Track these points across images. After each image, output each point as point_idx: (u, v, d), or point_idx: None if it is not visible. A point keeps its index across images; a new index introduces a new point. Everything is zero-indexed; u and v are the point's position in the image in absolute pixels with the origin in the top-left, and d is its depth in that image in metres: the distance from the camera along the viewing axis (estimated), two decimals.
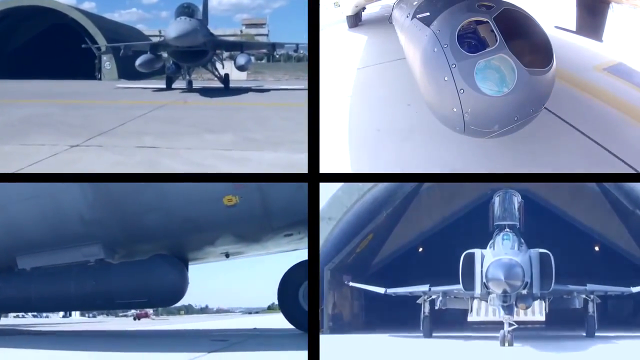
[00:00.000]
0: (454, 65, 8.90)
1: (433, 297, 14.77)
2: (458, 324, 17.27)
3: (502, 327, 12.26)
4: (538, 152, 10.93)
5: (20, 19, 39.93)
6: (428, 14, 10.70)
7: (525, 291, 12.61)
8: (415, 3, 12.81)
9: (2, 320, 24.27)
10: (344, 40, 22.70)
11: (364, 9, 24.99)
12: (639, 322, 17.24)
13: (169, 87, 29.05)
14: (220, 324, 27.75)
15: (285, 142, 14.19)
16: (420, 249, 20.55)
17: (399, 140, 12.22)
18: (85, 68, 38.04)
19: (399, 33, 14.54)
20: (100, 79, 38.51)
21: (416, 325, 15.07)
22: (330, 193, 15.45)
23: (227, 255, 14.78)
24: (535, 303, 14.44)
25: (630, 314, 18.17)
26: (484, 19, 9.47)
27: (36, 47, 41.56)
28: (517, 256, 12.44)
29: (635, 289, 14.59)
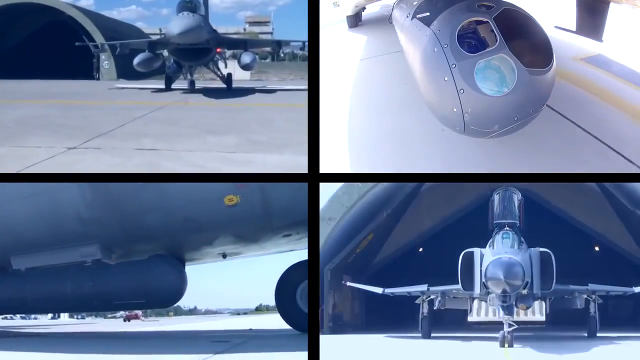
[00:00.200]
0: (454, 65, 8.89)
1: (432, 297, 14.71)
2: (458, 324, 17.26)
3: (502, 328, 12.17)
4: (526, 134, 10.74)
5: (15, 16, 38.95)
6: (428, 14, 10.69)
7: (525, 291, 12.47)
8: (415, 3, 12.80)
9: None
10: (344, 40, 22.63)
11: (364, 9, 24.96)
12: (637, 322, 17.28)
13: (168, 88, 27.98)
14: (214, 325, 27.52)
15: (290, 144, 13.80)
16: (421, 249, 20.67)
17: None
18: (83, 67, 37.12)
19: (399, 33, 14.53)
20: (98, 79, 37.59)
21: (416, 326, 15.04)
22: (331, 193, 15.58)
23: (224, 256, 14.69)
24: (536, 303, 14.45)
25: (631, 314, 18.19)
26: (484, 19, 9.47)
27: (32, 46, 40.55)
28: (517, 255, 12.30)
29: (638, 289, 14.53)
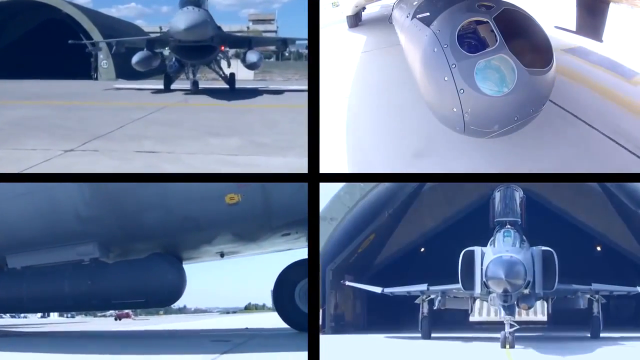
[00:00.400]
0: (454, 65, 8.91)
1: (432, 297, 14.53)
2: (459, 324, 17.19)
3: (504, 328, 11.97)
4: None
5: (10, 14, 37.99)
6: (428, 14, 10.71)
7: (527, 290, 12.25)
8: (415, 3, 12.80)
9: None
10: (344, 40, 22.55)
11: (364, 9, 24.91)
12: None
13: (167, 88, 26.75)
14: (207, 324, 27.20)
15: (295, 147, 13.38)
16: (422, 249, 20.62)
17: None
18: (80, 67, 36.19)
19: (399, 33, 14.53)
20: (96, 79, 36.82)
21: (418, 326, 14.90)
22: (332, 193, 15.52)
23: (222, 255, 14.61)
24: (537, 303, 14.33)
25: (633, 314, 18.12)
26: (484, 19, 9.49)
27: (28, 45, 39.41)
28: (519, 254, 12.05)
29: None
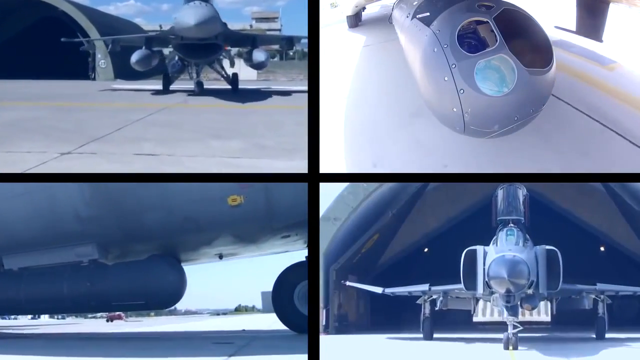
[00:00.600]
0: (454, 65, 8.90)
1: (434, 298, 14.36)
2: (463, 324, 17.10)
3: (507, 329, 11.75)
4: None
5: (5, 12, 37.33)
6: (428, 14, 10.70)
7: (530, 291, 12.02)
8: (415, 3, 12.79)
9: None
10: (344, 40, 22.46)
11: (364, 9, 24.86)
12: None
13: (166, 89, 25.73)
14: (201, 325, 26.82)
15: (300, 149, 12.69)
16: (426, 249, 20.60)
17: None
18: (78, 67, 35.61)
19: (399, 33, 14.52)
20: (94, 79, 36.23)
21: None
22: (336, 193, 15.49)
23: (221, 257, 14.57)
24: (541, 303, 14.12)
25: (637, 314, 18.02)
26: (484, 19, 9.48)
27: (23, 44, 38.72)
28: (522, 253, 11.79)
29: None
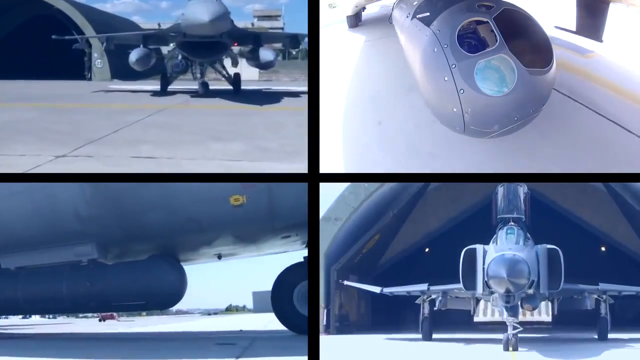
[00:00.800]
0: (454, 65, 8.91)
1: (433, 297, 14.24)
2: (463, 324, 17.05)
3: (506, 330, 11.55)
4: None
5: None
6: (428, 14, 10.70)
7: (531, 290, 11.81)
8: (415, 3, 12.78)
9: None
10: (344, 40, 22.38)
11: (364, 9, 24.79)
12: None
13: (164, 91, 24.68)
14: (195, 325, 26.37)
15: (302, 152, 12.33)
16: (427, 250, 20.57)
17: None
18: (73, 66, 34.53)
19: (399, 33, 14.52)
20: (90, 79, 35.30)
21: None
22: (337, 193, 15.44)
23: (220, 257, 14.49)
24: (542, 303, 13.93)
25: (638, 314, 17.92)
26: (484, 19, 9.49)
27: (16, 42, 37.36)
28: (522, 252, 11.58)
29: None
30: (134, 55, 23.97)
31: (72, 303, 13.18)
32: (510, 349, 11.45)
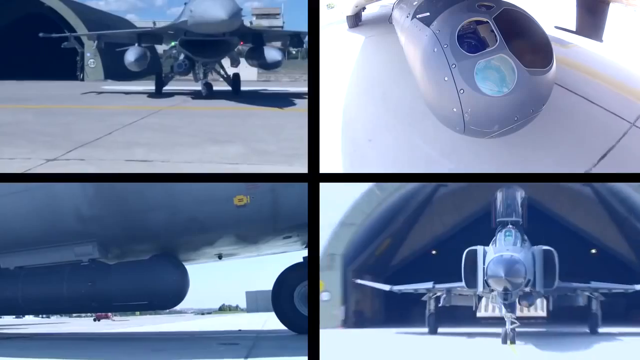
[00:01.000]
0: (454, 65, 8.92)
1: (438, 295, 14.89)
2: (467, 319, 17.70)
3: (505, 325, 12.19)
4: None
5: None
6: (428, 14, 10.70)
7: (527, 289, 12.47)
8: (415, 3, 12.78)
9: None
10: (343, 41, 22.33)
11: (364, 9, 24.75)
12: (637, 319, 17.73)
13: (159, 92, 23.40)
14: (191, 325, 25.94)
15: (302, 155, 12.19)
16: (434, 252, 21.35)
17: None
18: (65, 66, 33.85)
19: (399, 33, 14.52)
20: (82, 80, 34.46)
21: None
22: (352, 199, 16.18)
23: (220, 257, 14.41)
24: (538, 300, 14.30)
25: (624, 310, 18.77)
26: (484, 19, 9.48)
27: (5, 41, 35.99)
28: (519, 253, 12.28)
29: (639, 287, 14.72)
30: (131, 55, 22.69)
31: (73, 303, 13.09)
32: (508, 342, 12.08)
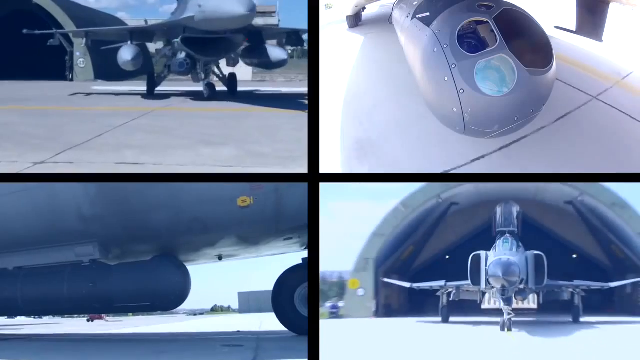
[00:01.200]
0: (454, 65, 8.93)
1: (449, 291, 18.04)
2: (472, 310, 20.53)
3: (503, 316, 14.76)
4: None
5: None
6: (428, 14, 10.70)
7: (522, 286, 15.18)
8: (415, 3, 12.78)
9: None
10: (343, 40, 22.29)
11: (363, 9, 24.72)
12: (611, 310, 21.37)
13: (151, 93, 22.38)
14: (186, 326, 25.55)
15: (297, 157, 12.34)
16: (447, 257, 24.40)
17: None
18: (53, 66, 32.79)
19: (399, 33, 14.52)
20: (72, 80, 33.38)
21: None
22: (385, 213, 19.96)
23: (220, 258, 14.34)
24: (530, 295, 18.01)
25: (600, 303, 21.73)
26: (484, 19, 9.48)
27: None
28: (515, 256, 14.96)
29: (613, 284, 18.48)
30: (127, 54, 21.46)
31: (74, 304, 12.99)
32: (506, 329, 14.68)
